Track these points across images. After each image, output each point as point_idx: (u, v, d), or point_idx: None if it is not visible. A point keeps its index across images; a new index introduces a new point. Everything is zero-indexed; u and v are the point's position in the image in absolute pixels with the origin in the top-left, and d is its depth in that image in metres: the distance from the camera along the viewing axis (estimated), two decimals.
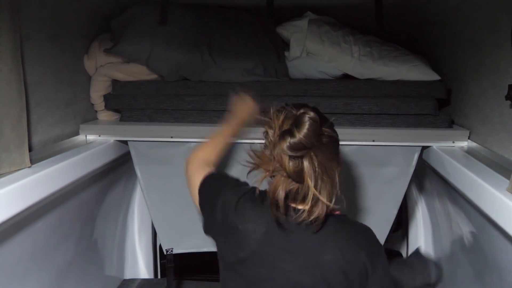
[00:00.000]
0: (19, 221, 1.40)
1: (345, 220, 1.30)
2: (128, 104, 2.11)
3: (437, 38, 2.33)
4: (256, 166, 1.24)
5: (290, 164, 1.13)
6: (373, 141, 1.99)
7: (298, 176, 1.14)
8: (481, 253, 1.74)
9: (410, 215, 2.68)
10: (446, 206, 2.11)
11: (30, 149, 1.56)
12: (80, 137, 2.02)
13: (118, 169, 2.26)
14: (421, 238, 2.61)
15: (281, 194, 1.16)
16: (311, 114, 1.14)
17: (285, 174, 1.15)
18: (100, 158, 1.92)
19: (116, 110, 2.23)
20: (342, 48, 2.16)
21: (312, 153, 1.13)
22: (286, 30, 2.22)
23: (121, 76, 2.13)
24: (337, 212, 1.28)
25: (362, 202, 2.13)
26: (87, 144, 1.94)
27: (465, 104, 2.00)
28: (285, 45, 2.25)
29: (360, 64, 2.14)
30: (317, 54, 2.19)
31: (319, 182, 1.15)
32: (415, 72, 2.08)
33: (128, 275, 2.69)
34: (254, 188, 1.30)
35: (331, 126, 1.24)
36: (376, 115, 2.03)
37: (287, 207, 1.21)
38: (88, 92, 2.15)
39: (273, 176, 1.20)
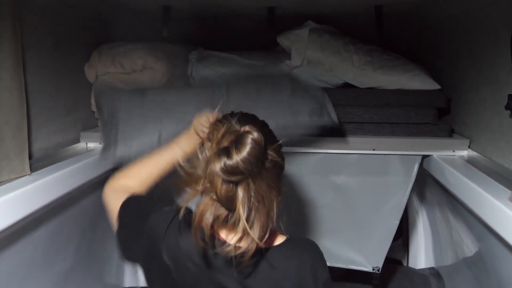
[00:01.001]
0: (18, 229, 1.40)
1: (284, 248, 1.12)
2: None
3: (437, 48, 2.34)
4: (183, 185, 1.04)
5: (222, 188, 0.97)
6: (374, 150, 1.99)
7: (229, 203, 0.99)
8: (481, 263, 1.73)
9: (411, 223, 2.67)
10: (446, 215, 2.11)
11: (30, 157, 1.56)
12: (81, 145, 2.03)
13: None
14: (421, 247, 2.60)
15: (207, 219, 1.00)
16: (255, 135, 0.97)
17: (215, 197, 0.99)
18: (100, 166, 1.92)
19: None
20: (343, 57, 2.17)
21: (249, 180, 0.98)
22: (287, 39, 2.23)
23: (121, 86, 2.13)
24: (278, 237, 1.13)
25: (364, 212, 2.12)
26: (87, 152, 1.94)
27: (465, 113, 2.00)
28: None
29: (360, 73, 2.15)
30: (318, 63, 2.19)
31: (253, 213, 0.99)
32: (415, 81, 2.09)
33: (127, 283, 2.67)
34: (186, 209, 1.08)
35: (278, 148, 1.07)
36: (376, 124, 2.03)
37: (212, 236, 1.05)
38: (89, 99, 2.15)
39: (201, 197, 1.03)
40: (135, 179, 1.29)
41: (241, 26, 2.64)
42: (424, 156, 2.02)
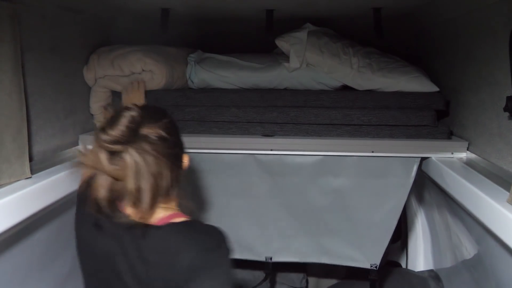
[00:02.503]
0: (18, 231, 1.40)
1: (180, 226, 1.20)
2: None
3: (435, 50, 2.35)
4: (79, 165, 1.15)
5: (107, 160, 1.08)
6: (372, 152, 1.99)
7: (116, 173, 1.09)
8: (480, 265, 1.73)
9: (410, 226, 2.68)
10: (445, 217, 2.11)
11: (30, 159, 1.56)
12: (79, 148, 2.02)
13: None
14: (420, 249, 2.60)
15: (102, 193, 1.10)
16: (133, 111, 1.12)
17: (102, 170, 1.09)
18: None
19: None
20: (342, 59, 2.17)
21: (130, 149, 1.08)
22: (286, 42, 2.23)
23: (120, 88, 2.13)
24: (180, 218, 1.22)
25: (362, 214, 2.12)
26: None
27: (464, 115, 2.00)
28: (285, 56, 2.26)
29: (359, 75, 2.15)
30: (317, 65, 2.19)
31: (142, 182, 1.09)
32: (414, 83, 2.09)
33: None
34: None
35: (165, 126, 1.17)
36: (375, 126, 2.03)
37: (113, 209, 1.15)
38: (87, 102, 2.15)
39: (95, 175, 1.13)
40: None
41: (239, 28, 2.64)
42: (423, 158, 2.02)
